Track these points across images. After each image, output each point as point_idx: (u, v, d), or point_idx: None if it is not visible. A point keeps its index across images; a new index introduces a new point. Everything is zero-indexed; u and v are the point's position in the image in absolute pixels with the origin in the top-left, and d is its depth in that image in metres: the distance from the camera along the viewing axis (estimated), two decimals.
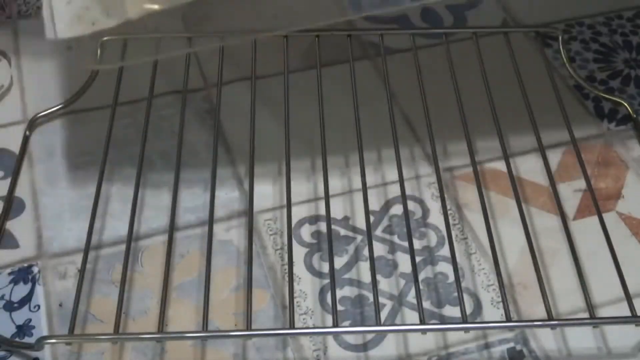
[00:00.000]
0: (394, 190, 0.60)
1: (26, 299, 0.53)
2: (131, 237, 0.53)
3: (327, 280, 0.55)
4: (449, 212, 0.57)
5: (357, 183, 0.59)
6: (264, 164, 0.61)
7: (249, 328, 0.48)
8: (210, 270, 0.51)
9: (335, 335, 0.52)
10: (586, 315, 0.50)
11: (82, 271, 0.51)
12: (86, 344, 0.51)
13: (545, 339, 0.52)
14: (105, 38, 0.64)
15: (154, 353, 0.51)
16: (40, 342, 0.48)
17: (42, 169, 0.61)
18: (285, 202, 0.55)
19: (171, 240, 0.53)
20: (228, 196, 0.60)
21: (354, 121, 0.59)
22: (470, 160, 0.58)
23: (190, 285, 0.55)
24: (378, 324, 0.49)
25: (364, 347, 0.52)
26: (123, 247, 0.52)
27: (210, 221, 0.53)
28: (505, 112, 0.61)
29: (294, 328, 0.49)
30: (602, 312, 0.53)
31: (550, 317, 0.49)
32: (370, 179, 0.59)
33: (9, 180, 0.59)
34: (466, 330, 0.50)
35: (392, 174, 0.61)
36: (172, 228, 0.54)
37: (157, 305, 0.52)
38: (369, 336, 0.52)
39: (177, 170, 0.56)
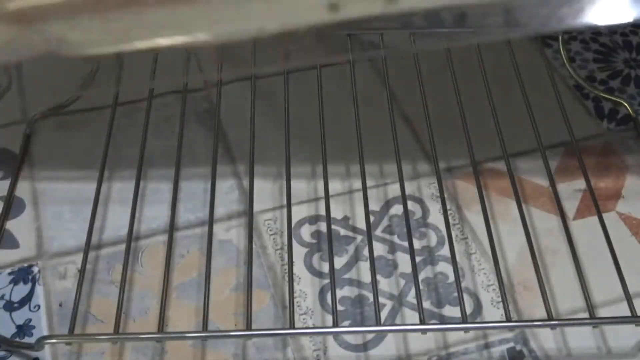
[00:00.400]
0: (394, 190, 0.60)
1: (26, 299, 0.53)
2: (131, 237, 0.53)
3: (327, 280, 0.55)
4: (449, 212, 0.57)
5: (357, 183, 0.60)
6: (264, 163, 0.61)
7: (249, 328, 0.48)
8: (210, 270, 0.51)
9: (335, 335, 0.52)
10: (586, 315, 0.50)
11: (82, 271, 0.51)
12: (86, 344, 0.51)
13: (545, 339, 0.52)
14: None
15: (154, 353, 0.51)
16: (40, 342, 0.48)
17: (42, 169, 0.61)
18: (285, 202, 0.55)
19: (171, 240, 0.53)
20: (228, 196, 0.60)
21: (354, 121, 0.59)
22: (470, 160, 0.58)
23: (190, 285, 0.55)
24: (378, 324, 0.49)
25: (364, 347, 0.52)
26: (123, 247, 0.52)
27: (210, 221, 0.53)
28: (505, 112, 0.61)
29: (294, 328, 0.49)
30: (602, 312, 0.53)
31: (550, 317, 0.49)
32: (370, 179, 0.59)
33: (9, 180, 0.59)
34: (466, 330, 0.50)
35: (392, 174, 0.61)
36: (172, 228, 0.54)
37: (157, 305, 0.53)
38: (369, 336, 0.52)
39: (177, 170, 0.56)
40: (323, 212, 0.58)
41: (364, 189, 0.55)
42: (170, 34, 0.44)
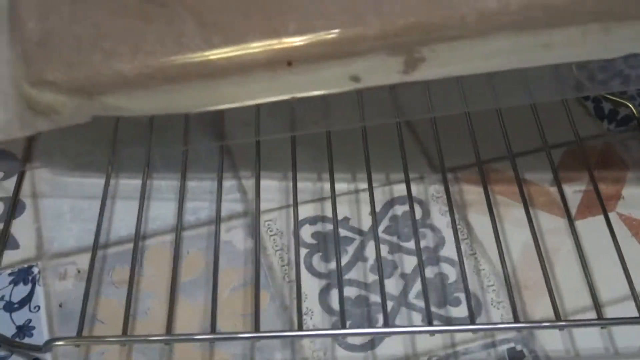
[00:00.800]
0: (395, 191, 0.60)
1: (26, 300, 0.53)
2: (138, 238, 0.53)
3: (327, 281, 0.55)
4: (449, 212, 0.57)
5: (357, 184, 0.60)
6: (266, 163, 0.61)
7: (257, 330, 0.48)
8: (217, 271, 0.51)
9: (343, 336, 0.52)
10: (591, 315, 0.50)
11: (90, 271, 0.51)
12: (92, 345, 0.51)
13: (545, 339, 0.52)
14: None
15: (161, 355, 0.51)
16: (48, 344, 0.48)
17: (42, 170, 0.61)
18: (285, 202, 0.55)
19: (178, 240, 0.53)
20: (228, 196, 0.60)
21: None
22: (476, 160, 0.58)
23: (191, 286, 0.54)
24: (386, 324, 0.49)
25: (366, 347, 0.52)
26: (123, 247, 0.53)
27: (218, 222, 0.53)
28: (504, 112, 0.61)
29: (302, 330, 0.49)
30: (606, 312, 0.53)
31: (558, 318, 0.49)
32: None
33: (9, 180, 0.59)
34: (474, 331, 0.50)
35: (392, 175, 0.61)
36: (180, 228, 0.54)
37: (159, 306, 0.53)
38: (371, 336, 0.52)
39: (184, 171, 0.57)
40: (324, 213, 0.58)
41: (370, 189, 0.55)
42: (211, 104, 0.50)
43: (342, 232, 0.58)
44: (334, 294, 0.54)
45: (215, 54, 0.48)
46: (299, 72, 0.48)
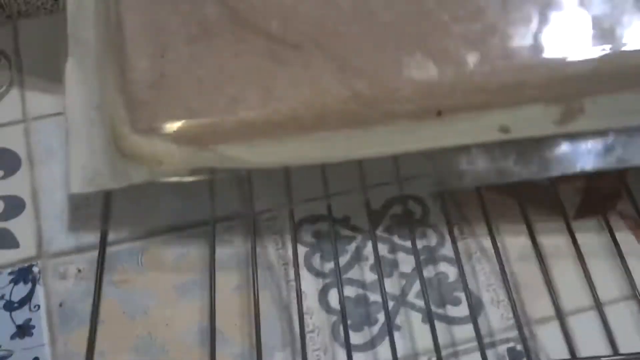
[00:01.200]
0: (394, 190, 0.60)
1: (26, 299, 0.53)
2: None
3: (327, 280, 0.55)
4: (449, 211, 0.57)
5: (357, 182, 0.60)
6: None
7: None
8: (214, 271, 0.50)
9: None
10: (590, 314, 0.50)
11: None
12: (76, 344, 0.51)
13: (546, 340, 0.52)
14: None
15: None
16: None
17: (42, 169, 0.61)
18: (286, 201, 0.55)
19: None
20: (226, 195, 0.60)
21: None
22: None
23: (194, 285, 0.54)
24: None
25: (366, 346, 0.52)
26: (123, 247, 0.52)
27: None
28: None
29: None
30: (607, 310, 0.53)
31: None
32: (370, 179, 0.59)
33: (9, 180, 0.59)
34: None
35: (391, 174, 0.61)
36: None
37: (157, 304, 0.53)
38: (370, 336, 0.52)
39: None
40: (323, 212, 0.58)
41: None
42: (343, 155, 0.47)
43: (342, 232, 0.58)
44: (334, 293, 0.54)
45: (358, 101, 0.43)
46: (447, 123, 0.44)
